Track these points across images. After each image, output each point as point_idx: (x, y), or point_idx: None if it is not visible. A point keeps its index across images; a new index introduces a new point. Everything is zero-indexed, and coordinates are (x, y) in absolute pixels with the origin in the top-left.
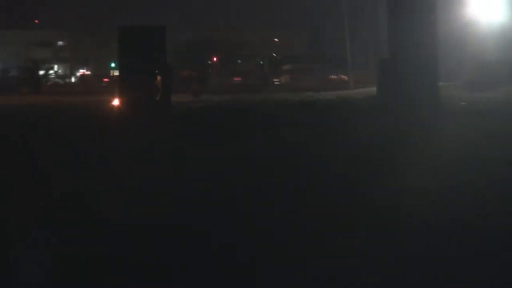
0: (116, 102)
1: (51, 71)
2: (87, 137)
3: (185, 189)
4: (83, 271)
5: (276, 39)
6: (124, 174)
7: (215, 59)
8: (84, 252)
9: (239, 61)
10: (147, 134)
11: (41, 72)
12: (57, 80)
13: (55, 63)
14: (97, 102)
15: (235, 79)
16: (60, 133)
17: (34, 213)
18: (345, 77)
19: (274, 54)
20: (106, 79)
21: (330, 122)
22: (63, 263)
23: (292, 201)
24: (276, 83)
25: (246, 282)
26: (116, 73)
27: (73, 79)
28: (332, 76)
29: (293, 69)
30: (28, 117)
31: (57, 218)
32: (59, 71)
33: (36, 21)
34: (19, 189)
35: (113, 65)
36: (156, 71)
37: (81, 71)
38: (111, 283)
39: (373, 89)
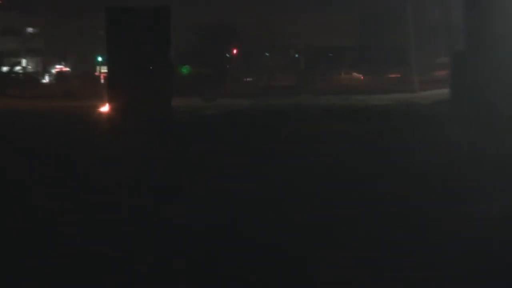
0: (104, 108)
1: (18, 67)
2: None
3: None
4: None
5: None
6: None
7: (235, 51)
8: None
9: (267, 54)
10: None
11: (5, 68)
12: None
13: (24, 57)
14: (79, 109)
15: (261, 77)
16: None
17: None
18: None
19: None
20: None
21: (383, 139)
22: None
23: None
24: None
25: None
26: (104, 69)
27: (47, 78)
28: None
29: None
30: None
31: None
32: (29, 66)
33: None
34: None
35: (99, 59)
36: (151, 67)
37: (58, 67)
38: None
39: (444, 92)
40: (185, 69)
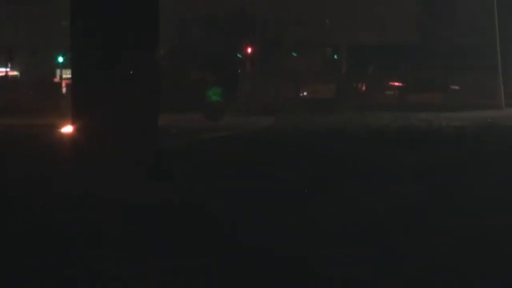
0: (67, 129)
1: None
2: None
3: None
4: None
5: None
6: None
7: (249, 50)
8: None
9: (294, 54)
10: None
11: None
12: None
13: None
14: (31, 130)
15: (286, 86)
16: None
17: None
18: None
19: None
20: None
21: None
22: None
23: None
24: None
25: None
26: (67, 74)
27: None
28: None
29: None
30: None
31: None
32: None
33: None
34: None
35: (60, 60)
36: (131, 72)
37: (2, 71)
38: None
39: None
40: (214, 95)
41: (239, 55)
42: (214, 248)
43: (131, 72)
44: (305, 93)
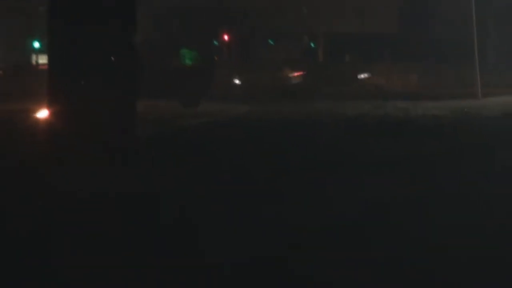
0: (42, 113)
1: None
2: None
3: None
4: None
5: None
6: None
7: (226, 37)
8: None
9: (271, 42)
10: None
11: None
12: None
13: None
14: (5, 114)
15: (264, 74)
16: None
17: None
18: None
19: None
20: None
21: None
22: None
23: None
24: None
25: None
26: (42, 60)
27: None
28: None
29: None
30: None
31: None
32: None
33: None
34: None
35: (36, 45)
36: (112, 58)
37: None
38: None
39: None
40: (188, 56)
41: (215, 42)
42: (213, 250)
43: (110, 57)
44: (236, 81)
